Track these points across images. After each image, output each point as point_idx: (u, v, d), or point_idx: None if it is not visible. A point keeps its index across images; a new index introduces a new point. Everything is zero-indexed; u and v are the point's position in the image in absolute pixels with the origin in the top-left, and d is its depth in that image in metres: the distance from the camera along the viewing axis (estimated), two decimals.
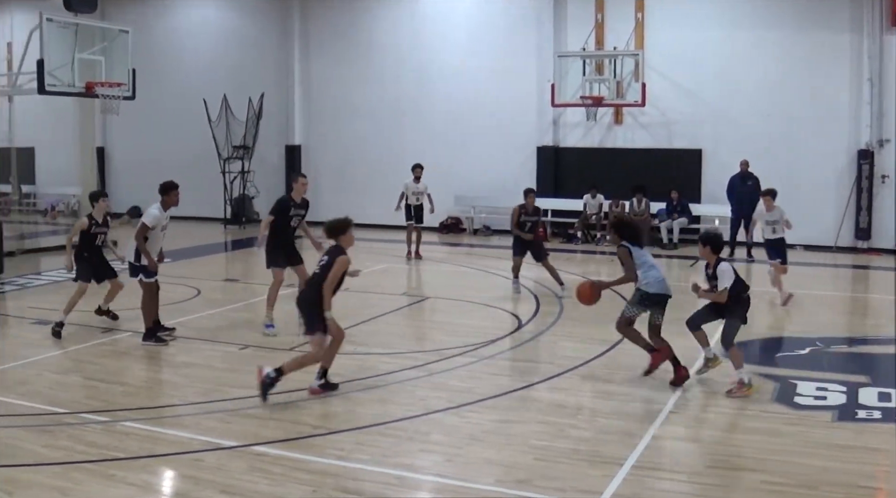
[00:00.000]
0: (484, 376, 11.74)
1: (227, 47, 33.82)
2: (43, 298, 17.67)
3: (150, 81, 27.23)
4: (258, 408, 10.23)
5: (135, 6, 34.59)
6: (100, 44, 20.51)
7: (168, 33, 34.59)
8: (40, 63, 18.89)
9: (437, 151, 29.51)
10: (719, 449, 9.10)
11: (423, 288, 19.04)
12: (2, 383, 11.63)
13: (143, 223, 13.47)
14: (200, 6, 34.61)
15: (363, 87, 31.30)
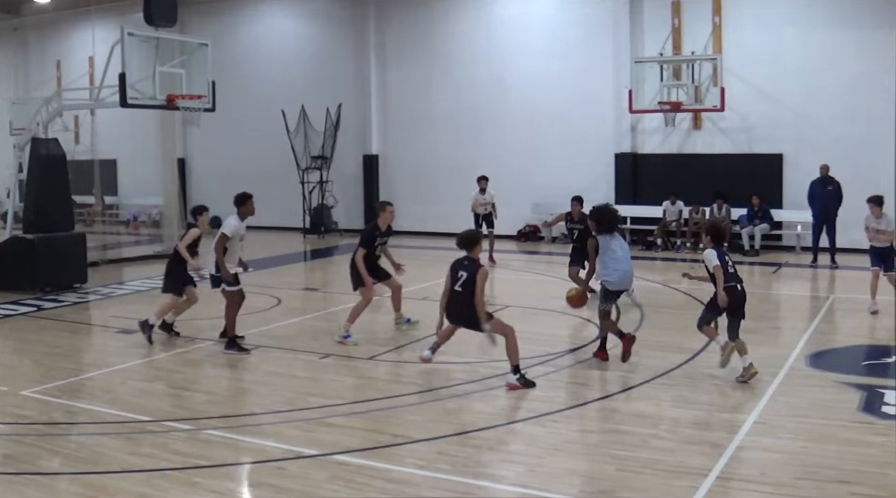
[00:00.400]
0: (564, 386, 11.66)
1: (305, 58, 34.09)
2: (126, 308, 17.88)
3: (229, 93, 27.52)
4: (340, 416, 10.25)
5: (213, 19, 35.02)
6: (179, 57, 20.69)
7: (246, 45, 34.95)
8: (122, 76, 19.10)
9: (514, 159, 29.47)
10: (806, 460, 8.90)
11: (502, 297, 18.95)
12: (87, 391, 11.81)
13: (222, 233, 13.60)
14: (277, 18, 34.92)
15: (439, 95, 31.36)
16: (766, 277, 21.92)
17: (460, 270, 11.62)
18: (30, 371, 13.00)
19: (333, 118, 31.61)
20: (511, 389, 11.29)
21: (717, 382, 11.57)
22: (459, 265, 11.71)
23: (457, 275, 11.62)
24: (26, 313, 17.46)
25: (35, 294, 19.31)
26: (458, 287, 11.55)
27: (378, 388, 11.46)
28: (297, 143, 31.69)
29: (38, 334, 15.49)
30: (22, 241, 19.85)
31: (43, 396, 11.26)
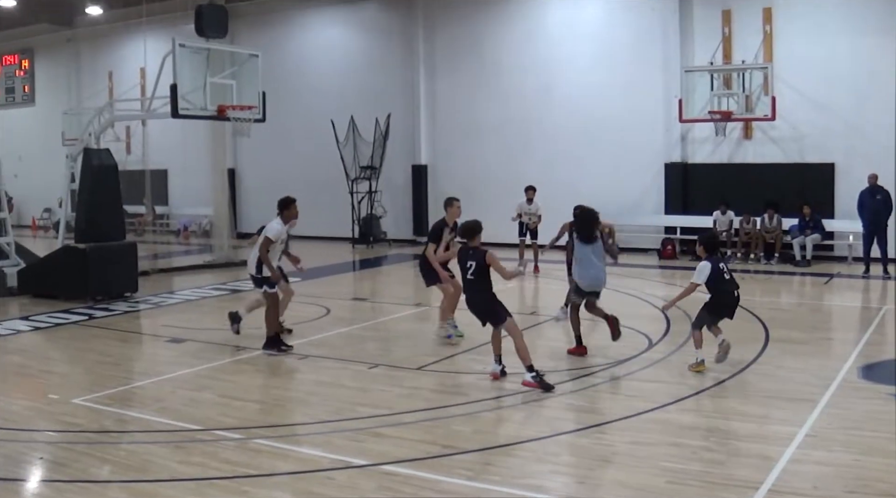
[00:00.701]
0: (614, 397, 11.59)
1: (354, 69, 34.22)
2: (176, 317, 18.01)
3: (278, 104, 27.65)
4: (388, 426, 10.24)
5: (264, 30, 35.26)
6: (230, 68, 20.80)
7: (296, 56, 35.15)
8: (173, 88, 19.23)
9: (563, 169, 29.38)
10: (858, 473, 8.77)
11: (551, 307, 18.87)
12: (138, 400, 11.88)
13: (266, 237, 13.99)
14: (327, 29, 35.10)
15: (488, 105, 31.34)
16: (818, 287, 21.70)
17: (468, 259, 12.18)
18: (81, 379, 13.12)
19: (382, 128, 31.69)
20: (526, 385, 11.78)
21: (768, 394, 11.46)
22: (466, 255, 12.27)
23: (466, 265, 12.17)
24: (78, 322, 17.62)
25: (86, 303, 19.48)
26: (471, 276, 12.13)
27: (426, 398, 11.44)
28: (347, 154, 31.80)
29: (89, 343, 15.62)
30: (74, 251, 20.04)
31: (94, 405, 11.34)
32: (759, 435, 9.86)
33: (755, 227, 25.59)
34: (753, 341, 14.57)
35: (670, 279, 23.01)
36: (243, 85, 20.78)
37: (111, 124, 23.13)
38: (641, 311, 18.10)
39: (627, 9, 28.80)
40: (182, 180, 38.11)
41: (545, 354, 13.74)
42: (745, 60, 26.16)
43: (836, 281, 22.45)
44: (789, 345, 14.49)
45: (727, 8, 27.01)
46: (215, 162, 29.37)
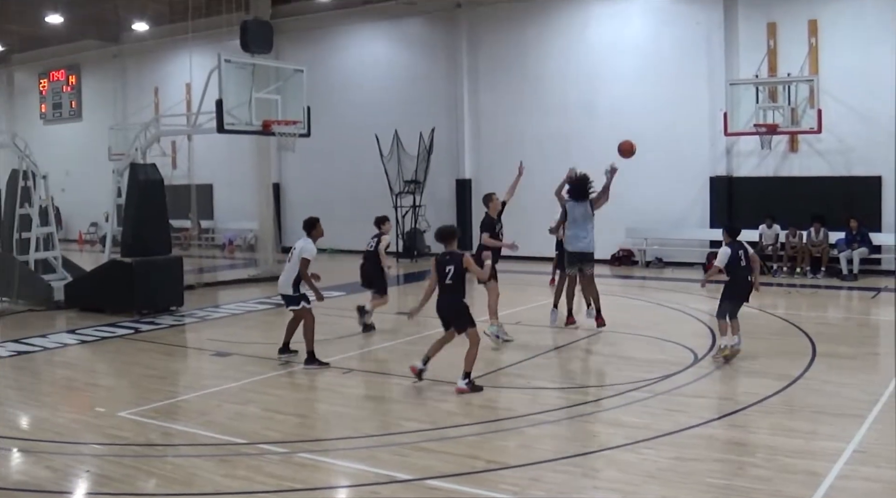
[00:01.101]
0: (659, 412, 11.51)
1: (398, 83, 34.33)
2: (221, 331, 18.12)
3: (323, 118, 27.74)
4: (433, 441, 10.23)
5: (308, 45, 35.46)
6: (275, 83, 20.92)
7: (340, 71, 35.29)
8: (219, 103, 19.35)
9: None
10: None
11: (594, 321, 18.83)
12: (183, 413, 11.96)
13: (304, 259, 14.34)
14: (370, 43, 35.22)
15: (531, 118, 31.32)
16: (865, 302, 21.50)
17: (447, 265, 12.53)
18: (127, 393, 13.21)
19: (426, 142, 31.75)
20: (460, 392, 12.26)
21: (815, 410, 11.36)
22: (444, 261, 12.61)
23: (444, 270, 12.52)
24: (124, 336, 17.75)
25: (132, 317, 19.62)
26: (449, 280, 12.50)
27: (471, 412, 11.43)
28: (391, 168, 31.88)
29: (135, 356, 15.72)
30: (120, 265, 20.20)
31: (140, 418, 11.42)
32: (806, 451, 9.76)
33: (801, 241, 25.41)
34: (800, 356, 14.46)
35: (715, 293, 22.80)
36: (288, 100, 20.89)
37: (157, 139, 23.32)
38: (686, 325, 18.00)
39: (672, 22, 28.73)
40: (227, 195, 38.36)
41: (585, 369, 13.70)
42: (790, 73, 26.02)
43: (884, 295, 22.22)
44: (836, 360, 14.36)
45: (772, 20, 26.87)
46: (260, 176, 29.54)
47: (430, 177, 32.19)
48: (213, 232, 39.64)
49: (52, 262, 22.10)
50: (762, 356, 14.63)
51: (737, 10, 27.62)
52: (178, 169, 37.55)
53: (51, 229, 22.35)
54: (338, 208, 34.39)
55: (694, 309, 19.60)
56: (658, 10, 29.13)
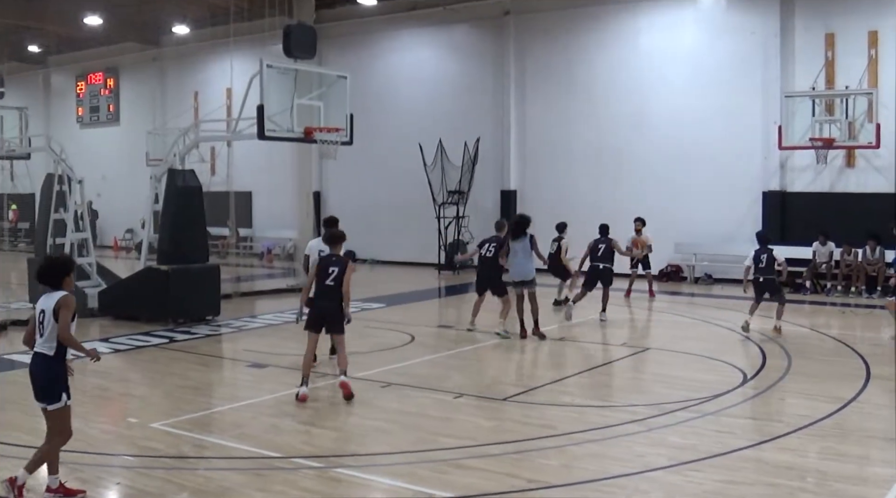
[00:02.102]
0: (707, 433, 11.43)
1: (443, 91, 34.37)
2: (258, 341, 18.18)
3: (366, 126, 27.84)
4: (473, 458, 10.22)
5: (352, 51, 35.57)
6: (318, 89, 20.96)
7: (384, 78, 35.38)
8: (260, 109, 19.42)
9: (657, 196, 29.19)
10: None
11: (643, 338, 18.76)
12: (217, 425, 12.00)
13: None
14: (416, 50, 35.30)
15: (580, 129, 31.25)
16: None
17: (330, 266, 13.17)
18: (160, 403, 13.28)
19: (471, 152, 31.77)
20: (343, 386, 13.05)
21: (868, 434, 11.25)
22: (328, 262, 13.28)
23: (328, 271, 13.11)
24: (158, 345, 17.86)
25: (168, 325, 19.74)
26: (331, 282, 13.04)
27: (512, 429, 11.40)
28: (434, 178, 31.90)
29: (169, 366, 15.82)
30: (156, 272, 20.33)
31: (173, 429, 11.47)
32: (858, 477, 9.67)
33: (857, 259, 25.18)
34: (854, 378, 14.32)
35: (768, 311, 22.66)
36: (331, 107, 20.93)
37: (196, 145, 23.47)
38: (735, 344, 17.88)
39: (725, 33, 28.59)
40: (266, 202, 38.55)
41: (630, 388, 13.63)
42: (848, 86, 25.82)
43: None
44: (891, 383, 14.19)
45: (830, 31, 26.69)
46: (300, 184, 29.70)
47: (474, 187, 32.21)
48: (251, 240, 39.80)
49: (87, 268, 22.28)
50: (814, 377, 14.51)
51: (794, 19, 27.44)
52: (217, 175, 37.80)
53: (86, 235, 22.54)
54: (380, 218, 34.52)
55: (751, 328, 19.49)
56: (712, 20, 29.01)
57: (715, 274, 28.53)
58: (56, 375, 8.68)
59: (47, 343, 8.64)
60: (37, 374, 8.73)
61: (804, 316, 21.21)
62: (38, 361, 8.71)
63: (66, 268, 8.91)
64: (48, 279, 8.81)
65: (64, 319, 8.53)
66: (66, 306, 8.60)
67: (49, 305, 8.63)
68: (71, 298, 8.71)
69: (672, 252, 29.06)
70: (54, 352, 8.64)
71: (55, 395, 8.65)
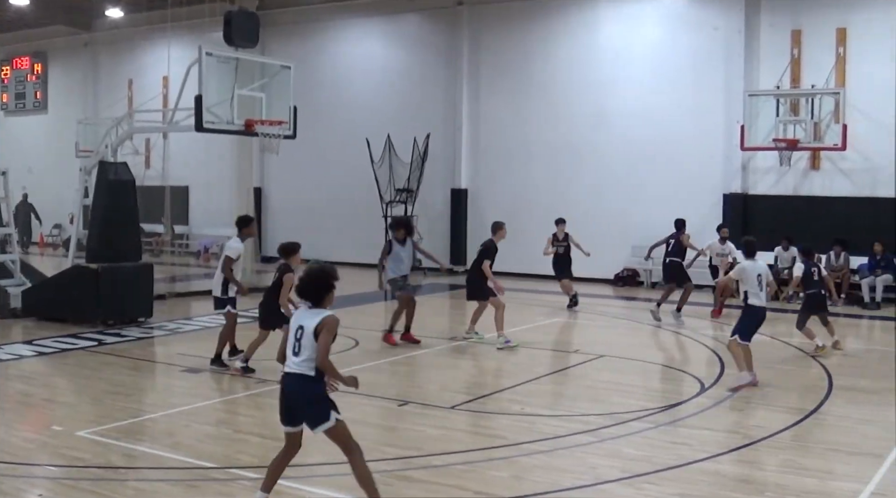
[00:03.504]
0: (662, 444, 11.53)
1: (392, 84, 34.38)
2: (193, 345, 18.10)
3: (310, 119, 27.79)
4: (418, 469, 10.24)
5: (296, 41, 35.49)
6: (260, 80, 20.89)
7: (330, 69, 35.35)
8: (198, 99, 19.32)
9: (614, 197, 29.39)
10: None
11: (597, 345, 18.86)
12: (148, 434, 11.93)
13: (227, 256, 15.75)
14: (364, 41, 35.26)
15: (535, 127, 31.38)
16: (888, 332, 21.50)
17: (277, 271, 14.56)
18: (88, 410, 13.19)
19: (421, 149, 31.74)
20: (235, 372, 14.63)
21: (830, 447, 11.39)
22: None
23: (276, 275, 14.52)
24: (86, 348, 17.73)
25: (97, 327, 19.61)
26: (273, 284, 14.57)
27: (459, 439, 11.44)
28: (382, 175, 31.84)
29: (98, 371, 15.71)
30: (85, 271, 20.17)
31: (101, 438, 11.38)
32: (819, 491, 9.78)
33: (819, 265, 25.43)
34: (815, 389, 14.49)
35: (727, 319, 22.89)
36: (273, 98, 20.87)
37: (130, 136, 23.34)
38: (694, 352, 18.05)
39: (688, 28, 28.83)
40: (204, 198, 38.32)
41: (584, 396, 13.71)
42: (814, 85, 26.10)
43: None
44: (855, 394, 14.39)
45: (797, 27, 26.97)
46: (240, 180, 29.51)
47: (423, 185, 32.19)
48: (187, 238, 39.60)
49: (9, 265, 21.99)
50: (774, 388, 14.66)
51: (759, 15, 27.71)
52: (152, 169, 37.63)
53: (9, 230, 22.30)
54: (324, 216, 34.45)
55: (703, 335, 19.63)
56: (674, 14, 29.23)
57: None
58: (319, 395, 8.52)
59: (305, 363, 8.39)
60: (297, 395, 8.54)
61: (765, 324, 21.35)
62: (296, 381, 8.44)
63: (328, 283, 8.60)
64: (309, 293, 8.55)
65: (324, 343, 8.30)
66: (329, 328, 8.36)
67: (310, 324, 8.37)
68: (336, 320, 8.46)
69: (629, 255, 29.22)
70: (314, 372, 8.42)
71: (323, 415, 8.53)
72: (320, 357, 8.29)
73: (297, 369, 8.38)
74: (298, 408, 8.51)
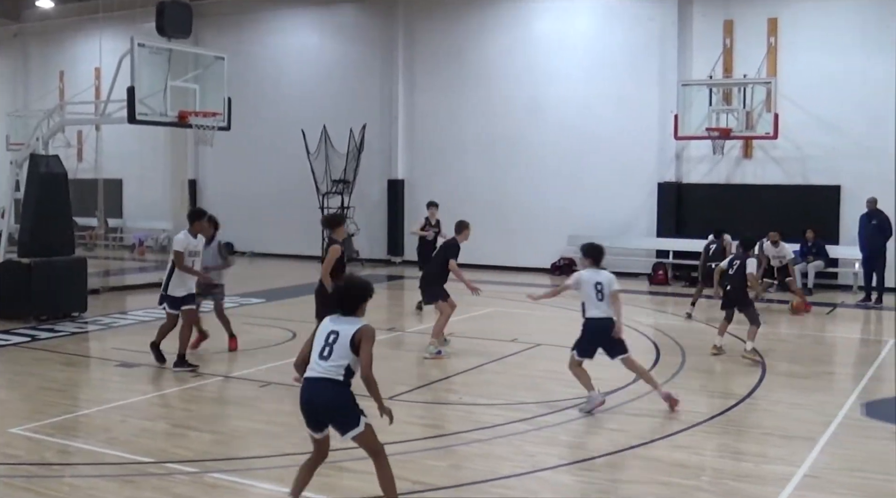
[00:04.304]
0: (599, 431, 11.61)
1: (328, 76, 34.29)
2: (128, 339, 17.93)
3: (245, 111, 27.64)
4: (356, 460, 10.21)
5: (231, 31, 35.27)
6: (193, 71, 20.76)
7: (265, 60, 35.19)
8: (131, 90, 19.17)
9: (551, 186, 29.51)
10: None
11: (533, 334, 18.91)
12: (84, 429, 11.83)
13: (175, 251, 15.01)
14: (299, 32, 35.14)
15: (471, 118, 31.42)
16: (820, 318, 21.77)
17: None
18: (21, 407, 13.04)
19: (357, 140, 31.70)
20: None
21: (764, 431, 11.53)
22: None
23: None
24: (19, 344, 17.52)
25: (29, 323, 19.38)
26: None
27: (397, 430, 11.39)
28: (318, 166, 31.79)
29: (31, 367, 15.52)
30: (17, 266, 19.93)
31: (34, 434, 11.28)
32: (754, 475, 9.91)
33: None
34: (749, 374, 14.63)
35: (661, 306, 23.07)
36: (207, 90, 20.74)
37: (61, 129, 23.07)
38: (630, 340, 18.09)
39: (622, 19, 28.99)
40: (138, 191, 38.02)
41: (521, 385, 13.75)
42: (746, 74, 26.34)
43: (840, 311, 22.59)
44: (788, 379, 14.56)
45: (729, 18, 27.22)
46: (175, 172, 29.31)
47: (360, 177, 32.14)
48: (121, 231, 39.26)
49: None
50: (708, 373, 14.81)
51: (692, 6, 27.96)
52: (85, 162, 37.24)
53: None
54: (259, 208, 34.33)
55: (639, 323, 19.75)
56: (608, 5, 29.39)
57: (610, 267, 28.68)
58: (349, 400, 8.34)
59: (334, 368, 8.21)
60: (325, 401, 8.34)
61: (699, 310, 21.56)
62: (323, 386, 8.25)
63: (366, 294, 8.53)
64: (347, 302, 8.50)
65: (367, 354, 8.24)
66: (369, 338, 8.29)
67: (346, 331, 8.29)
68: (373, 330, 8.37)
69: (565, 245, 29.34)
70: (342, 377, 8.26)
71: (353, 421, 8.38)
72: (364, 369, 8.21)
73: (325, 373, 8.20)
74: (326, 413, 8.35)
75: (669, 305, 23.41)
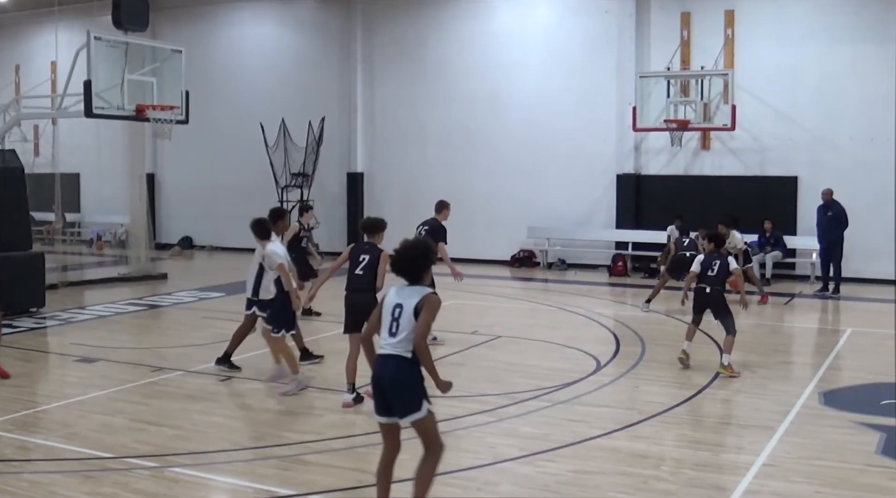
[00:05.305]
0: (559, 422, 11.64)
1: (286, 68, 34.16)
2: (87, 334, 17.87)
3: (203, 104, 27.54)
4: (317, 453, 10.23)
5: (188, 24, 35.10)
6: (151, 64, 20.70)
7: (223, 53, 35.02)
8: (87, 84, 19.09)
9: (511, 179, 29.54)
10: None
11: (493, 326, 18.95)
12: (43, 425, 11.77)
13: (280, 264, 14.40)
14: (258, 25, 35.00)
15: (431, 110, 31.40)
16: (778, 308, 21.90)
17: (362, 253, 12.62)
18: None
19: (316, 133, 31.60)
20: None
21: (723, 421, 11.63)
22: (361, 249, 12.73)
23: (358, 258, 12.59)
24: None
25: None
26: (360, 271, 12.53)
27: (357, 423, 11.44)
28: (277, 159, 31.67)
29: None
30: None
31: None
32: (713, 464, 9.99)
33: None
34: (707, 365, 14.70)
35: (621, 297, 23.17)
36: (165, 83, 20.69)
37: (17, 123, 22.93)
38: (590, 331, 18.23)
39: (580, 11, 29.01)
40: (96, 185, 37.77)
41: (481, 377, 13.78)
42: (704, 66, 26.44)
43: (798, 301, 22.75)
44: (746, 369, 14.64)
45: (686, 10, 27.31)
46: (133, 166, 29.15)
47: (319, 170, 32.06)
48: (79, 226, 39.00)
49: None
50: (668, 364, 14.88)
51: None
52: (41, 156, 36.85)
53: None
54: (218, 202, 34.20)
55: (598, 314, 19.84)
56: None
57: (568, 259, 29.04)
58: (415, 381, 7.94)
59: (402, 344, 7.81)
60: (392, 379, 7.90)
61: (659, 301, 21.66)
62: (393, 363, 7.86)
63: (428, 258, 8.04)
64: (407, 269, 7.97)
65: (424, 323, 7.73)
66: (432, 307, 7.81)
67: (409, 302, 7.80)
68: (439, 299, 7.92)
69: (524, 237, 29.43)
70: (411, 355, 7.82)
71: (415, 404, 7.95)
72: (417, 338, 7.72)
73: (394, 351, 7.81)
74: (392, 388, 7.88)
75: (629, 297, 23.52)
